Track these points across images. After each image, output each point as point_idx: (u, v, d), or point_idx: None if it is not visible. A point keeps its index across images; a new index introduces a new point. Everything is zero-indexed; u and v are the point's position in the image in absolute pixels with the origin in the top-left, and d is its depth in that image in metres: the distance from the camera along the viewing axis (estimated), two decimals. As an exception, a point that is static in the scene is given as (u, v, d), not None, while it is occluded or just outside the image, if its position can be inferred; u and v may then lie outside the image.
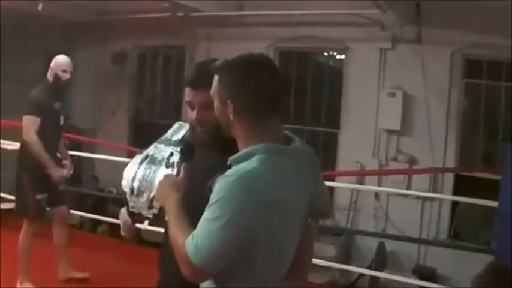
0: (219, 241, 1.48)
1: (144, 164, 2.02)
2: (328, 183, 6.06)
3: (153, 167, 2.01)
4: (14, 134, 6.00)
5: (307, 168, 1.71)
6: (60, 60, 4.67)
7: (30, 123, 4.53)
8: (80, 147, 7.67)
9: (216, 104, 1.69)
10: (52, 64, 4.68)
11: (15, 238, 4.67)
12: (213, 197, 1.53)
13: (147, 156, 2.04)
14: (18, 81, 7.67)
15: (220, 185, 1.52)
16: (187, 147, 1.90)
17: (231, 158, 1.62)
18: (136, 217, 2.07)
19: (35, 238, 4.64)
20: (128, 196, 2.04)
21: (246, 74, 1.64)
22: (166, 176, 1.84)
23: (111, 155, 7.02)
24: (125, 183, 2.05)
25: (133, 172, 2.02)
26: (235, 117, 1.63)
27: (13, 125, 5.84)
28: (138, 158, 2.06)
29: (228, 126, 1.68)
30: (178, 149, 2.00)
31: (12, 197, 6.01)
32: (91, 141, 8.11)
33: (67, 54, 4.89)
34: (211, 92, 1.70)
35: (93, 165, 8.59)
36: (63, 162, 4.86)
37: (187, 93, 1.95)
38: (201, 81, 1.88)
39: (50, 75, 4.68)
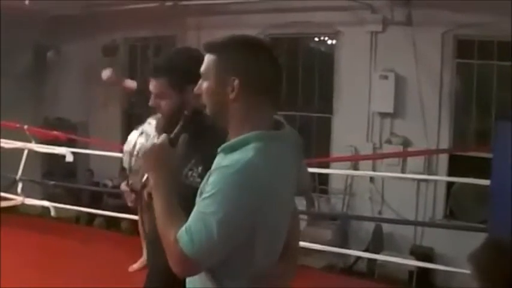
0: (218, 235, 1.43)
1: (139, 140, 2.03)
2: (323, 170, 6.12)
3: (146, 144, 2.01)
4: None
5: (294, 152, 1.67)
6: None
7: None
8: (74, 141, 7.66)
9: (209, 84, 1.59)
10: None
11: (16, 238, 4.66)
12: (210, 189, 1.46)
13: (142, 133, 2.06)
14: (7, 77, 7.64)
15: (218, 177, 1.46)
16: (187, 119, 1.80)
17: (223, 146, 1.56)
18: (136, 192, 2.08)
19: None
20: (127, 172, 2.06)
21: (253, 51, 1.58)
22: (157, 144, 1.68)
23: (105, 148, 7.01)
24: (126, 158, 2.07)
25: (130, 148, 2.04)
26: (238, 97, 1.55)
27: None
28: (135, 134, 2.08)
29: (221, 109, 1.58)
30: None
31: (13, 196, 6.04)
32: (85, 140, 7.97)
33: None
34: (202, 71, 1.61)
35: (88, 159, 8.57)
36: None
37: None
38: (154, 71, 1.92)
39: None
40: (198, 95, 1.63)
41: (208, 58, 1.60)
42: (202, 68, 1.61)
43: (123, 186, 2.15)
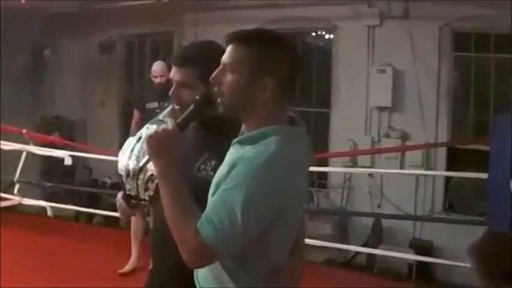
0: (242, 225, 1.41)
1: (137, 146, 1.99)
2: (322, 169, 6.10)
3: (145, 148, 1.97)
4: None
5: (307, 148, 1.64)
6: (153, 66, 5.01)
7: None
8: (72, 139, 7.65)
9: (236, 79, 1.52)
10: None
11: (16, 237, 4.65)
12: (233, 179, 1.44)
13: (140, 138, 2.01)
14: (5, 76, 7.62)
15: (242, 168, 1.44)
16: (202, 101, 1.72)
17: (240, 138, 1.55)
18: (133, 200, 2.04)
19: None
20: (124, 179, 2.01)
21: (286, 51, 1.55)
22: (164, 129, 1.60)
23: (103, 143, 7.02)
24: (121, 166, 2.02)
25: (128, 154, 2.00)
26: (271, 96, 1.51)
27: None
28: (132, 140, 2.04)
29: (244, 104, 1.53)
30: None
31: (11, 196, 6.05)
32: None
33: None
34: (228, 62, 1.53)
35: (86, 157, 8.56)
36: None
37: (172, 70, 1.90)
38: (183, 60, 1.85)
39: None
40: (214, 85, 1.56)
41: (237, 50, 1.53)
42: (227, 58, 1.54)
43: (119, 198, 2.11)
